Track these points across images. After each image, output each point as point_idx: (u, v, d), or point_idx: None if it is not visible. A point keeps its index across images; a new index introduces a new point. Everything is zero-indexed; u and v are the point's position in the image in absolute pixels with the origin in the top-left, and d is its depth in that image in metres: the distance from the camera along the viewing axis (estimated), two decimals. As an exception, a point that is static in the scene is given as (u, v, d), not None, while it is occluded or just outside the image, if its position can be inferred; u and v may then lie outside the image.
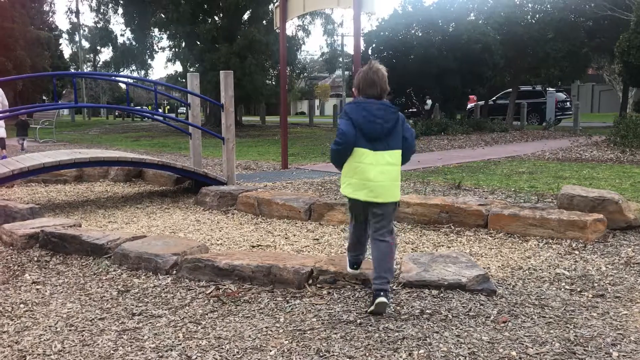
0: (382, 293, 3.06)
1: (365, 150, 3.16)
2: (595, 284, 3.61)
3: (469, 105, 24.67)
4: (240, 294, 3.48)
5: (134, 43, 28.92)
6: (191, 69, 22.45)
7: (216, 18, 23.89)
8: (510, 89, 23.45)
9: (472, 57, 18.69)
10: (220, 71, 7.53)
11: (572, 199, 5.14)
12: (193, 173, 7.28)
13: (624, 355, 2.58)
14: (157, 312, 3.23)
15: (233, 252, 4.09)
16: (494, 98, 25.53)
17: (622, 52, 13.16)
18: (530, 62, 21.89)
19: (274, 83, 24.75)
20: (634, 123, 12.69)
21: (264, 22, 23.27)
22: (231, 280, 3.68)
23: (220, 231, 5.36)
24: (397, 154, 3.24)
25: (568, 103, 25.03)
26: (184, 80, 19.10)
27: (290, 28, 28.54)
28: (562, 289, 3.53)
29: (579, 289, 3.52)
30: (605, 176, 8.08)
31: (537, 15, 21.12)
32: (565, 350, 2.64)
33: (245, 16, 24.03)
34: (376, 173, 3.18)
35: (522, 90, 24.40)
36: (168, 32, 24.61)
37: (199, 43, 22.72)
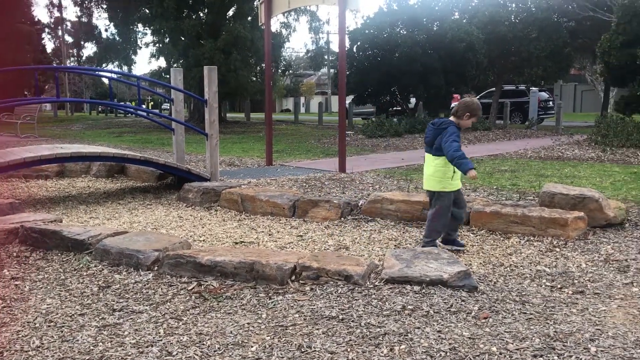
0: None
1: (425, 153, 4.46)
2: (575, 281, 3.65)
3: (453, 104, 24.75)
4: (222, 290, 3.46)
5: (117, 38, 28.63)
6: (175, 65, 22.29)
7: (201, 14, 23.73)
8: (494, 88, 23.60)
9: (456, 56, 18.79)
10: (204, 67, 7.49)
11: (553, 197, 5.19)
12: (176, 169, 7.23)
13: (601, 351, 2.62)
14: (138, 308, 3.21)
15: (215, 249, 4.08)
16: (478, 97, 25.67)
17: (603, 53, 13.31)
18: (513, 62, 22.04)
19: (259, 80, 24.66)
20: (615, 122, 12.85)
21: (249, 18, 23.16)
22: (213, 276, 3.66)
23: (203, 227, 5.33)
24: (430, 157, 4.39)
25: (551, 102, 25.24)
26: (168, 76, 18.95)
27: (275, 25, 28.44)
28: (543, 286, 3.56)
29: (559, 286, 3.56)
30: (586, 175, 8.17)
31: (521, 15, 21.25)
32: (544, 346, 2.66)
33: (230, 12, 23.89)
34: (424, 168, 4.49)
35: (506, 90, 24.57)
36: (152, 28, 24.38)
37: (183, 39, 22.55)
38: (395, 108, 22.27)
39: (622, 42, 12.67)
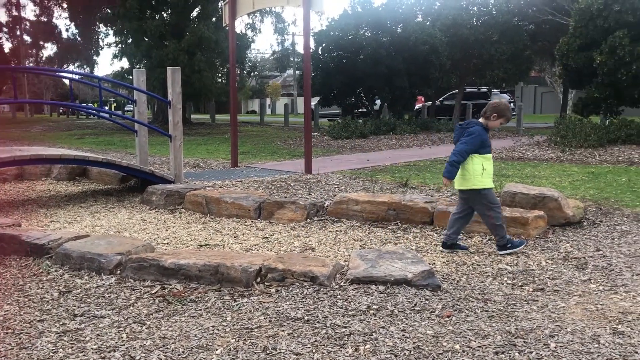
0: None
1: None
2: (536, 279, 3.73)
3: (417, 106, 25.08)
4: (186, 294, 3.43)
5: (78, 38, 28.07)
6: (138, 66, 21.94)
7: (164, 14, 23.44)
8: (457, 90, 23.96)
9: (420, 58, 18.99)
10: (168, 67, 7.40)
11: (514, 196, 5.30)
12: (139, 171, 7.13)
13: (560, 346, 2.68)
14: (100, 313, 3.15)
15: (179, 252, 4.03)
16: (441, 99, 26.03)
17: (562, 55, 13.61)
18: (475, 64, 22.42)
19: (224, 81, 24.49)
20: (573, 124, 13.17)
21: (214, 19, 22.98)
22: (177, 279, 3.62)
23: (167, 230, 5.27)
24: None
25: (512, 104, 25.77)
26: (130, 77, 18.61)
27: (240, 26, 28.31)
28: (505, 284, 3.64)
29: (520, 284, 3.63)
30: (546, 174, 8.37)
31: (483, 18, 21.64)
32: (506, 343, 2.72)
33: (195, 13, 23.67)
34: None
35: (468, 92, 24.98)
36: (114, 28, 23.98)
37: (146, 39, 22.24)
38: (360, 109, 22.38)
39: (580, 45, 13.01)
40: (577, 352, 2.61)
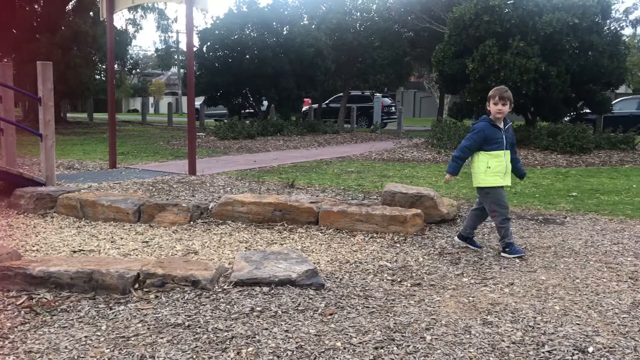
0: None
1: None
2: (414, 274, 3.89)
3: (304, 108, 25.39)
4: (57, 303, 3.20)
5: None
6: (5, 60, 20.29)
7: (36, 5, 21.89)
8: (342, 93, 24.55)
9: (306, 61, 19.24)
10: (38, 62, 6.90)
11: (394, 195, 5.50)
12: (5, 173, 6.56)
13: (436, 338, 2.81)
14: (-45, 329, 2.85)
15: (50, 258, 3.76)
16: (327, 101, 26.56)
17: (438, 62, 14.37)
18: (359, 68, 23.09)
19: (103, 78, 23.32)
20: (449, 127, 13.97)
21: (91, 13, 21.82)
22: (47, 288, 3.37)
23: (36, 236, 4.90)
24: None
25: (393, 108, 26.84)
26: (-4, 72, 17.19)
27: (121, 21, 27.15)
28: (385, 280, 3.75)
29: (399, 279, 3.77)
30: (424, 175, 8.79)
31: (365, 24, 22.34)
32: (385, 338, 2.80)
33: (70, 5, 22.32)
34: None
35: (353, 95, 25.70)
36: (-23, 17, 21.99)
37: (15, 32, 20.63)
38: (247, 110, 22.27)
39: (454, 53, 13.80)
40: (450, 344, 2.75)
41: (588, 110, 15.48)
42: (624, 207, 6.43)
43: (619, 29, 14.91)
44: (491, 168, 4.31)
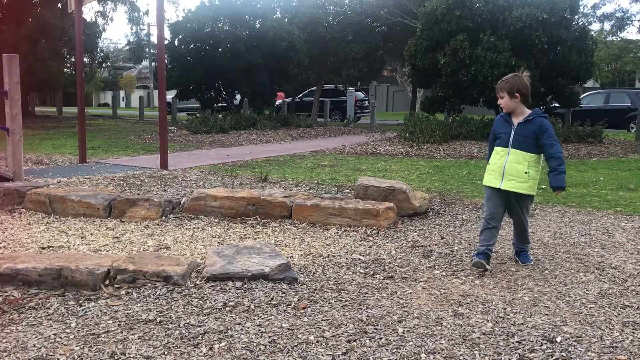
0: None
1: None
2: (386, 267, 3.92)
3: (277, 102, 25.31)
4: (24, 301, 3.14)
5: None
6: (-30, 52, 19.78)
7: (1, -4, 21.35)
8: (315, 87, 24.53)
9: (279, 54, 19.14)
10: (3, 55, 6.74)
11: (367, 189, 5.53)
12: (-30, 168, 6.42)
13: (408, 330, 2.83)
14: None
15: (17, 255, 3.69)
16: (300, 95, 26.51)
17: (410, 56, 14.45)
18: (332, 62, 23.08)
19: (72, 71, 22.87)
20: (421, 121, 14.06)
21: (59, 4, 21.36)
22: (14, 286, 3.31)
23: (3, 233, 4.80)
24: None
25: (366, 102, 26.93)
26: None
27: (90, 13, 26.64)
28: (358, 273, 3.77)
29: (372, 272, 3.79)
30: (396, 168, 8.84)
31: (338, 18, 22.31)
32: (358, 331, 2.81)
33: (37, -4, 21.83)
34: None
35: (326, 89, 25.70)
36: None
37: (-21, 22, 20.12)
38: (220, 104, 22.10)
39: (426, 47, 13.89)
40: (422, 335, 2.78)
41: (557, 104, 15.73)
42: (591, 199, 6.57)
43: (587, 24, 15.22)
44: (490, 165, 3.94)
